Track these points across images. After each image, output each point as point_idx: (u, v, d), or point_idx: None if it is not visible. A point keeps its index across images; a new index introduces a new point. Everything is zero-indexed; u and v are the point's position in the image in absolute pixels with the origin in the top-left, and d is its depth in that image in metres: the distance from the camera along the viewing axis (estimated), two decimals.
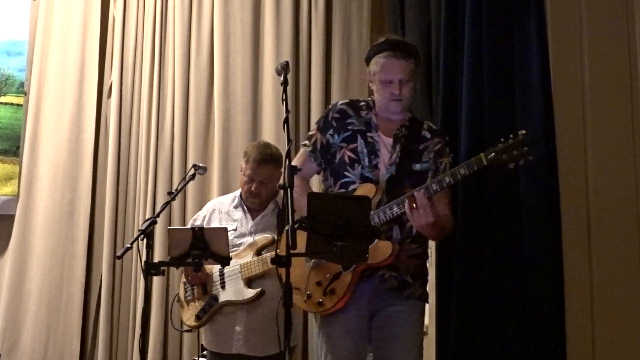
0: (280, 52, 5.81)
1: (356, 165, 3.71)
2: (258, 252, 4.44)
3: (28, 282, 5.93)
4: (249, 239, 4.56)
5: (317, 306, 3.66)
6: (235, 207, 4.71)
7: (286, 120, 3.24)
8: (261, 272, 4.38)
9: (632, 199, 3.57)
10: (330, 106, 3.93)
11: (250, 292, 4.42)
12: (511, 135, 3.37)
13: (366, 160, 3.70)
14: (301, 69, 5.80)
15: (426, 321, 4.18)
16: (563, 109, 3.72)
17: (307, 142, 3.88)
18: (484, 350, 3.82)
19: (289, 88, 3.42)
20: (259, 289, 4.40)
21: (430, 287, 3.98)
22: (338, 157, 3.76)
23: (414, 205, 3.44)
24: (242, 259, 4.46)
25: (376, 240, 3.51)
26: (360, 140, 3.74)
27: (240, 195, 4.71)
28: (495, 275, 3.82)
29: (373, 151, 3.71)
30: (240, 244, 4.56)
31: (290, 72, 3.78)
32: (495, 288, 3.82)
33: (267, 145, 4.67)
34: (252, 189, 4.58)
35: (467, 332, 3.89)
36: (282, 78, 3.40)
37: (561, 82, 3.74)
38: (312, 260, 3.66)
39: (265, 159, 4.52)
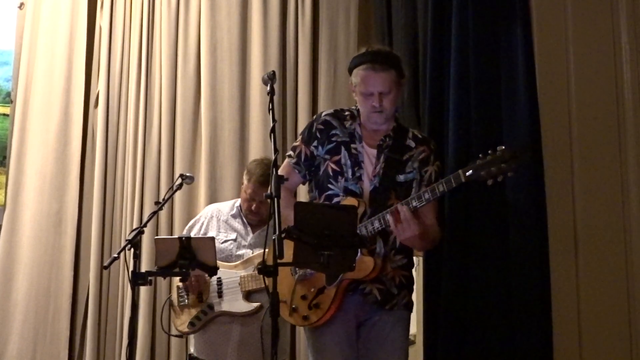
0: (267, 61, 5.82)
1: (339, 177, 3.68)
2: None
3: (15, 291, 5.90)
4: (248, 252, 4.56)
5: (303, 320, 3.67)
6: (234, 216, 4.70)
7: (273, 130, 3.24)
8: (261, 287, 4.36)
9: (618, 205, 3.58)
10: (314, 117, 3.90)
11: (249, 306, 4.42)
12: (489, 151, 3.34)
13: (350, 172, 3.68)
14: (288, 78, 5.81)
15: (414, 330, 4.18)
16: (549, 114, 3.73)
17: (291, 153, 3.85)
18: (472, 357, 3.83)
19: (276, 97, 3.42)
20: (258, 304, 4.40)
21: (418, 295, 3.99)
22: (322, 169, 3.74)
23: (398, 219, 3.44)
24: (242, 271, 4.46)
25: (360, 254, 3.51)
26: (343, 152, 3.71)
27: (240, 206, 4.71)
28: (483, 283, 3.84)
29: (357, 163, 3.69)
30: (239, 255, 4.56)
31: (277, 82, 3.79)
32: (483, 296, 3.84)
33: (269, 165, 4.59)
34: (253, 208, 4.59)
35: (454, 340, 3.90)
36: (268, 88, 3.39)
37: (547, 88, 3.76)
38: (298, 274, 3.67)
39: (267, 181, 4.48)
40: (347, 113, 3.82)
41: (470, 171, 3.35)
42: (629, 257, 3.54)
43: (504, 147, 3.33)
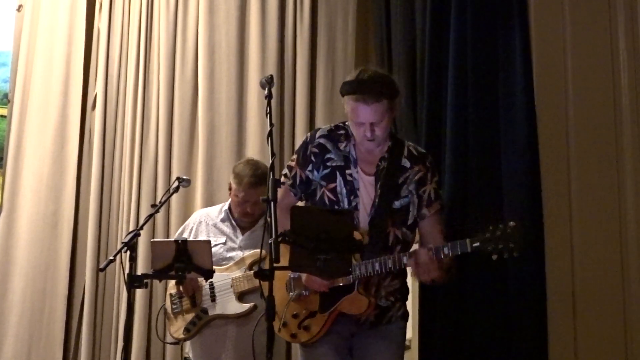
0: (265, 65, 5.82)
1: (335, 207, 3.63)
2: (250, 267, 4.43)
3: (10, 293, 5.89)
4: (239, 254, 4.55)
5: (291, 337, 3.69)
6: (223, 220, 4.69)
7: (270, 134, 3.23)
8: (254, 287, 4.36)
9: (615, 207, 3.59)
10: (308, 137, 3.80)
11: (242, 307, 4.41)
12: (500, 225, 3.31)
13: (345, 201, 3.63)
14: (286, 82, 5.80)
15: (409, 334, 4.18)
16: (546, 118, 3.74)
17: (287, 173, 3.79)
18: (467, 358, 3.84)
19: (273, 101, 3.41)
20: (252, 304, 4.40)
21: (414, 300, 3.99)
22: (318, 194, 3.70)
23: (418, 262, 3.43)
24: (233, 273, 4.45)
25: (355, 291, 3.52)
26: (339, 179, 3.66)
27: (229, 209, 4.70)
28: (479, 287, 3.84)
29: (352, 191, 3.64)
30: (230, 258, 4.55)
31: (275, 85, 3.77)
32: (479, 300, 3.84)
33: (256, 165, 4.59)
34: (247, 210, 4.57)
35: (450, 344, 3.90)
36: (266, 91, 3.39)
37: (545, 92, 3.77)
38: (294, 292, 3.67)
39: (258, 182, 4.48)
40: (341, 132, 3.74)
41: (477, 243, 3.33)
42: (624, 258, 3.54)
43: (514, 225, 3.29)
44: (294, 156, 3.84)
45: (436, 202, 3.67)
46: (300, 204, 3.81)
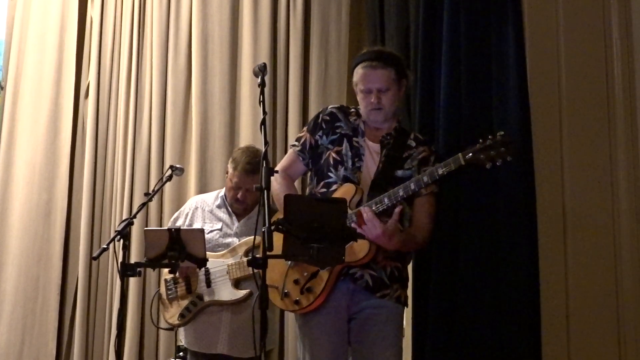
0: (258, 54, 5.81)
1: (339, 166, 3.74)
2: (247, 254, 4.43)
3: (3, 282, 5.90)
4: (235, 240, 4.56)
5: (294, 304, 3.69)
6: (219, 206, 4.70)
7: (263, 122, 3.25)
8: (250, 274, 4.35)
9: (608, 199, 3.61)
10: (321, 109, 3.96)
11: (239, 293, 4.42)
12: (490, 136, 3.42)
13: (350, 162, 3.74)
14: (279, 71, 5.79)
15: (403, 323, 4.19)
16: (540, 110, 3.75)
17: (296, 142, 3.93)
18: (461, 354, 3.84)
19: (266, 90, 3.42)
20: (248, 290, 4.40)
21: (408, 291, 3.99)
22: (324, 157, 3.80)
23: (362, 221, 3.52)
24: (229, 259, 4.46)
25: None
26: (345, 144, 3.78)
27: (225, 196, 4.71)
28: (472, 276, 3.85)
29: (357, 155, 3.75)
30: (226, 244, 4.56)
31: (268, 74, 3.80)
32: (472, 289, 3.84)
33: (255, 153, 4.60)
34: (239, 196, 4.57)
35: (443, 333, 3.91)
36: (259, 80, 3.40)
37: (538, 83, 3.78)
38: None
39: (254, 169, 4.48)
40: (352, 110, 3.89)
41: (470, 154, 3.43)
42: (617, 252, 3.56)
43: (503, 133, 3.40)
44: (304, 128, 3.99)
45: (433, 185, 3.70)
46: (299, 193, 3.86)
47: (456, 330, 3.87)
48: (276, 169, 3.74)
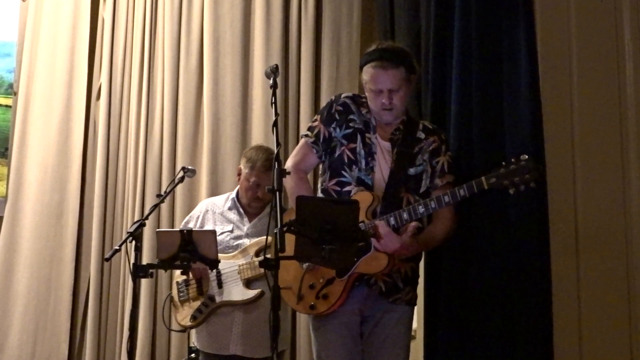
0: (269, 55, 5.81)
1: (354, 166, 3.72)
2: (257, 254, 4.44)
3: (16, 283, 5.91)
4: (245, 241, 4.56)
5: (309, 309, 3.68)
6: (230, 208, 4.70)
7: (275, 124, 3.26)
8: (261, 274, 4.36)
9: (620, 204, 3.58)
10: (333, 97, 3.91)
11: (250, 293, 4.42)
12: (513, 160, 3.40)
13: (363, 162, 3.71)
14: (291, 72, 5.80)
15: (414, 324, 4.19)
16: (551, 112, 3.73)
17: (308, 132, 3.87)
18: (472, 354, 3.83)
19: (278, 91, 3.43)
20: (260, 290, 4.41)
21: (419, 290, 3.99)
22: (337, 152, 3.77)
23: (379, 235, 3.50)
24: (239, 260, 4.46)
25: (373, 249, 3.53)
26: (359, 141, 3.74)
27: (236, 197, 4.71)
28: (484, 278, 3.83)
29: (370, 153, 3.72)
30: (236, 245, 4.56)
31: (280, 75, 3.78)
32: (484, 291, 3.83)
33: (268, 150, 4.60)
34: (259, 194, 4.57)
35: (455, 334, 3.90)
36: (271, 81, 3.41)
37: (549, 86, 3.75)
38: (307, 264, 3.66)
39: (272, 165, 4.48)
40: (364, 100, 3.83)
41: (494, 179, 3.42)
42: (630, 258, 3.54)
43: (527, 157, 3.38)
44: (317, 116, 3.91)
45: (449, 174, 3.73)
46: (310, 190, 3.85)
47: (467, 330, 3.86)
48: (289, 164, 3.77)
